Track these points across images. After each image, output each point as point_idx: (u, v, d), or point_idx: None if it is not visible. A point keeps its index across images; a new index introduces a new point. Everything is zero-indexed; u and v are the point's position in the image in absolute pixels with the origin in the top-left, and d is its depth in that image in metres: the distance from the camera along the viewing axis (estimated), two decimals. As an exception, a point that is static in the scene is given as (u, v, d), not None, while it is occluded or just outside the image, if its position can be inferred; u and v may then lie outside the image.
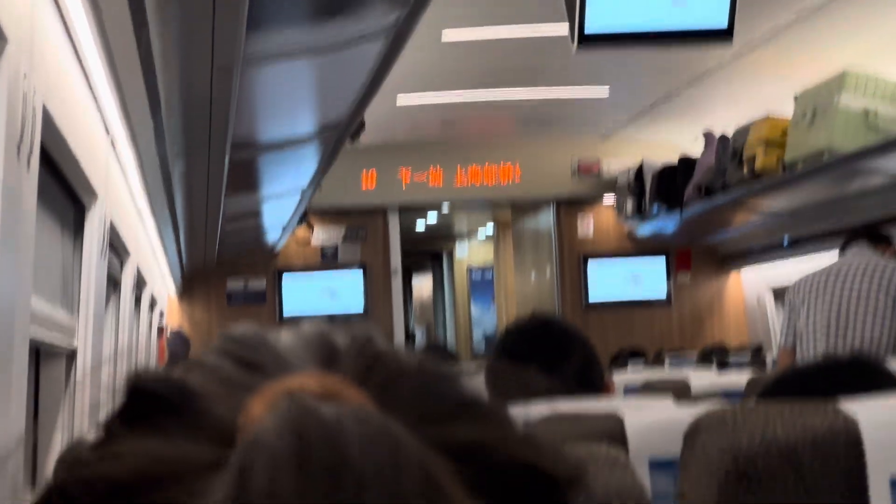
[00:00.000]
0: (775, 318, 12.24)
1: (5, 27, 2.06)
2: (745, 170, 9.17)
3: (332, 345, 0.64)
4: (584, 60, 9.37)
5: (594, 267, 13.70)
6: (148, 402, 0.60)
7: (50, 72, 2.69)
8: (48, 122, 2.73)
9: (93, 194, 4.10)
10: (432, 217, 16.67)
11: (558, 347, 2.96)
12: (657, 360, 11.38)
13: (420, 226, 17.39)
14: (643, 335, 13.32)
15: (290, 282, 13.44)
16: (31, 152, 2.45)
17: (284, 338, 0.65)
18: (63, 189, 3.80)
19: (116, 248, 5.46)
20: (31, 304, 2.75)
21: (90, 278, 4.39)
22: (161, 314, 11.03)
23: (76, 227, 4.28)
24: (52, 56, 2.72)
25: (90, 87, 3.54)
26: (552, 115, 11.93)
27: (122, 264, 6.07)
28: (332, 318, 13.11)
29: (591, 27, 6.76)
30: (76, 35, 3.00)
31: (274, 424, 0.53)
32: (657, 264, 13.72)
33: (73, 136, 3.19)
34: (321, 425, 0.53)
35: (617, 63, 9.64)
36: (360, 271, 13.58)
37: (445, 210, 15.38)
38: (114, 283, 5.94)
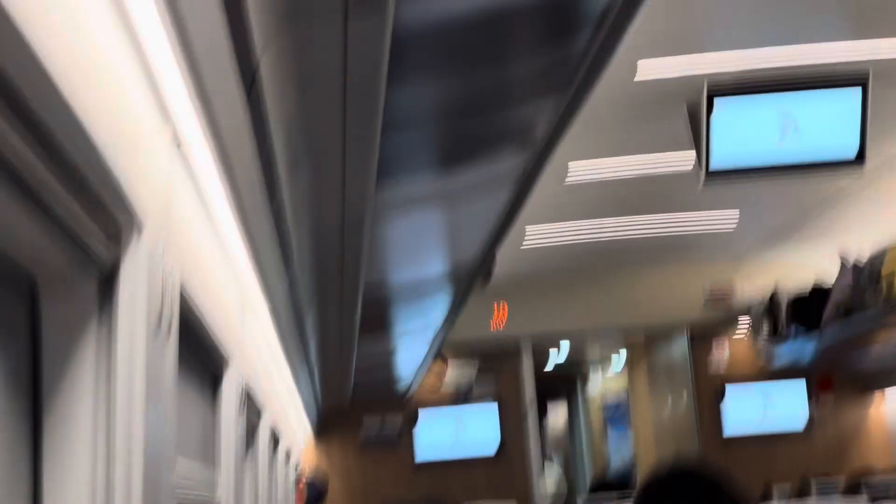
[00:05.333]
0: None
1: (143, 209, 2.08)
2: (885, 292, 8.96)
3: None
4: (712, 188, 9.30)
5: (732, 394, 13.43)
6: None
7: (186, 244, 2.73)
8: (185, 295, 2.75)
9: (228, 358, 4.14)
10: (564, 347, 16.56)
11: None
12: (802, 492, 11.10)
13: (553, 355, 17.27)
14: (785, 463, 12.96)
15: (424, 419, 13.39)
16: (170, 326, 2.51)
17: None
18: (200, 354, 3.82)
19: (252, 404, 5.49)
20: (177, 463, 2.80)
21: (229, 436, 4.43)
22: (296, 466, 11.04)
23: (214, 387, 4.33)
24: (187, 228, 2.76)
25: (223, 249, 3.56)
26: (682, 240, 11.79)
27: (258, 418, 6.12)
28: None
29: (716, 163, 6.71)
30: (209, 201, 3.02)
31: None
32: (798, 388, 13.39)
33: (208, 304, 3.22)
34: None
35: (746, 188, 9.53)
36: (495, 406, 13.50)
37: (578, 338, 15.27)
38: (251, 437, 5.98)
